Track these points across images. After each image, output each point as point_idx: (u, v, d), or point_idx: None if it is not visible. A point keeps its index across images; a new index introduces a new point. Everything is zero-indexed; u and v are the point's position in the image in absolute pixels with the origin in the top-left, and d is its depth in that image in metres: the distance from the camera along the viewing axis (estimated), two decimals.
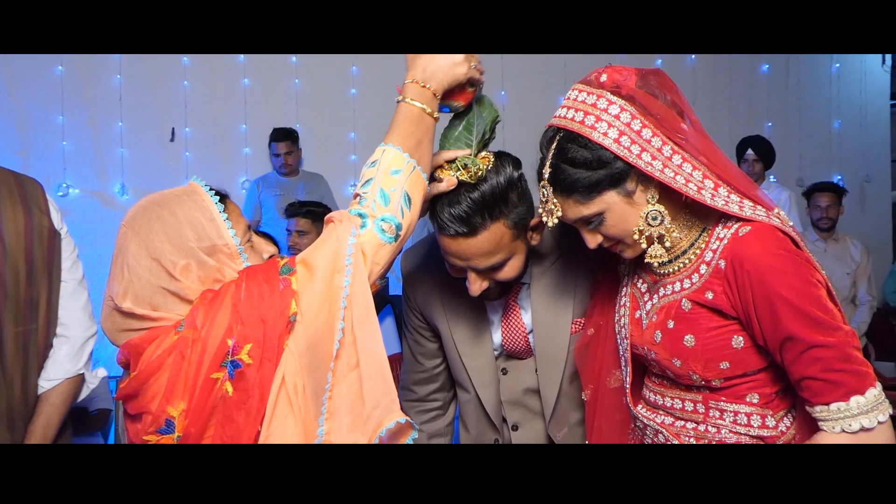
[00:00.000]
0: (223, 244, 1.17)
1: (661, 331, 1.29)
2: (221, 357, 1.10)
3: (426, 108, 1.25)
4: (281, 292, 1.12)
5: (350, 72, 5.16)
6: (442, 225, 1.34)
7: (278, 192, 4.72)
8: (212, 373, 1.10)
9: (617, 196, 1.23)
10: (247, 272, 1.17)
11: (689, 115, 1.26)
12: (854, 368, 1.15)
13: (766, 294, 1.17)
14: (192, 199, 1.18)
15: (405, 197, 1.19)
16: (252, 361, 1.10)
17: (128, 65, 4.79)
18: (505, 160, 1.39)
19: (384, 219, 1.17)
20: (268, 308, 1.11)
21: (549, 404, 1.58)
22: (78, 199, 4.73)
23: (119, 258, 1.16)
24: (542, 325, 1.55)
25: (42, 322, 1.71)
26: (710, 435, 1.29)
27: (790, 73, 6.11)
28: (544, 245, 1.54)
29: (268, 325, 1.11)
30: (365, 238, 1.16)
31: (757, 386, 1.27)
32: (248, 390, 1.11)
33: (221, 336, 1.10)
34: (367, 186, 1.19)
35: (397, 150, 1.21)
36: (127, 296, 1.14)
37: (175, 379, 1.11)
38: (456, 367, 1.65)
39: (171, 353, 1.11)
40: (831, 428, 1.16)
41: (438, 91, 1.27)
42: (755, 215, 1.22)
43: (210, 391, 1.10)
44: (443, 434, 1.76)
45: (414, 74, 1.27)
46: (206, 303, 1.13)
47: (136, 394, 1.14)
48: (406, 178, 1.20)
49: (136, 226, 1.16)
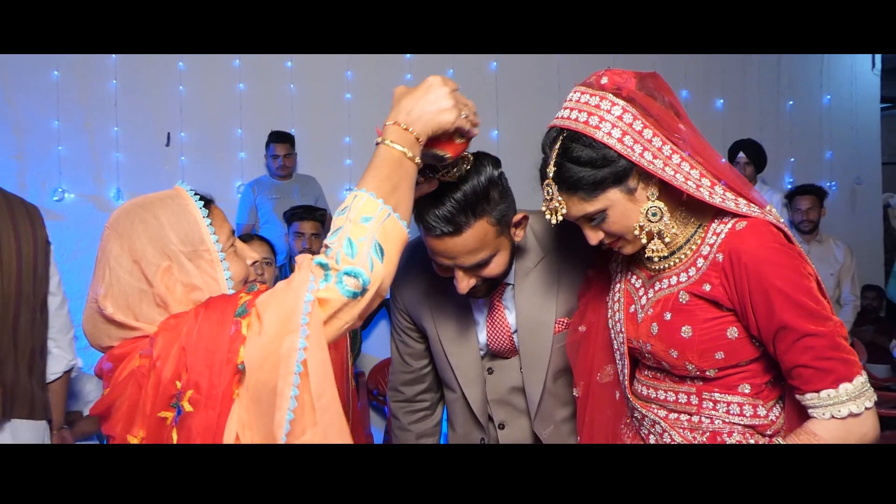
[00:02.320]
0: (205, 249, 1.16)
1: (657, 323, 1.33)
2: (170, 397, 1.06)
3: (407, 153, 1.13)
4: (231, 336, 1.04)
5: (345, 76, 5.19)
6: (428, 226, 1.38)
7: (274, 196, 4.73)
8: (160, 411, 1.07)
9: (619, 193, 1.27)
10: (204, 307, 1.10)
11: (683, 116, 1.30)
12: (843, 357, 1.20)
13: (762, 285, 1.21)
14: (177, 203, 1.17)
15: (376, 247, 1.06)
16: (192, 409, 1.05)
17: (123, 69, 4.80)
18: (484, 159, 1.42)
19: (347, 272, 1.04)
20: (215, 353, 1.05)
21: (534, 402, 1.61)
22: (73, 204, 4.74)
23: (102, 260, 1.15)
24: (527, 324, 1.58)
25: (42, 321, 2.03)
26: (705, 425, 1.32)
27: (781, 77, 6.16)
28: (528, 247, 1.58)
29: (213, 371, 1.04)
30: (325, 294, 1.04)
31: (749, 376, 1.31)
32: (191, 439, 1.05)
33: (171, 375, 1.06)
34: (334, 236, 1.07)
35: (370, 196, 1.08)
36: (108, 298, 1.13)
37: (133, 408, 1.09)
38: (442, 366, 1.68)
39: (131, 379, 1.09)
40: (821, 415, 1.21)
41: (422, 136, 1.16)
42: (750, 212, 1.27)
43: (161, 429, 1.07)
44: (431, 434, 1.79)
45: (396, 116, 1.16)
46: (166, 330, 1.10)
47: (107, 414, 1.13)
48: (378, 226, 1.07)
49: (119, 228, 1.15)
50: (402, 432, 1.79)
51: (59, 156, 4.70)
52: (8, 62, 4.60)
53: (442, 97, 1.18)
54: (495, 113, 4.94)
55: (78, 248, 4.69)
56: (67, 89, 4.71)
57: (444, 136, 1.21)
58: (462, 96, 1.22)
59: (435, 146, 1.23)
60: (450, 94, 1.19)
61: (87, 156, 4.79)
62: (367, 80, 5.17)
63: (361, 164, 5.09)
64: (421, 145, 1.16)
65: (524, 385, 1.62)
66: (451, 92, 1.19)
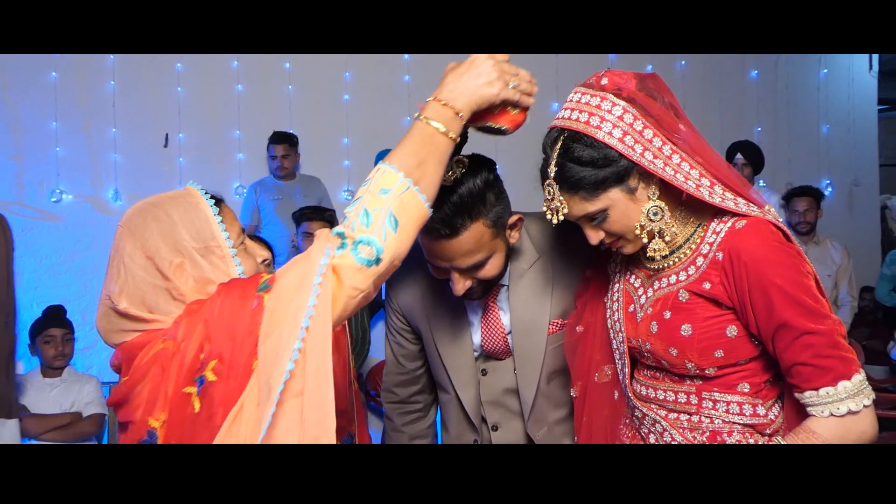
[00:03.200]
0: (216, 245, 1.18)
1: (657, 322, 1.34)
2: (194, 372, 1.09)
3: (441, 128, 1.15)
4: (253, 310, 1.08)
5: (343, 78, 5.19)
6: (424, 228, 1.38)
7: (276, 197, 4.74)
8: (185, 387, 1.09)
9: (620, 193, 1.28)
10: (227, 286, 1.14)
11: (683, 117, 1.31)
12: (841, 355, 1.21)
13: (762, 283, 1.22)
14: (188, 201, 1.20)
15: (390, 218, 1.08)
16: (216, 379, 1.07)
17: (121, 70, 4.81)
18: (480, 162, 1.43)
19: (361, 240, 1.07)
20: (237, 325, 1.08)
21: (528, 404, 1.62)
22: (71, 205, 4.74)
23: (115, 258, 1.17)
24: (521, 325, 1.59)
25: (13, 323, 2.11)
26: (705, 425, 1.33)
27: (779, 78, 6.17)
28: (522, 249, 1.59)
29: (236, 342, 1.07)
30: (340, 260, 1.07)
31: (748, 375, 1.32)
32: (212, 408, 1.08)
33: (195, 350, 1.09)
34: (353, 206, 1.11)
35: (391, 169, 1.11)
36: (123, 295, 1.15)
37: (156, 390, 1.11)
38: (436, 367, 1.69)
39: (155, 363, 1.11)
40: (820, 412, 1.21)
41: (464, 111, 1.17)
42: (749, 211, 1.28)
43: (184, 405, 1.09)
44: (424, 436, 1.79)
45: (439, 92, 1.18)
46: (190, 314, 1.13)
47: (125, 400, 1.15)
48: (395, 198, 1.09)
49: (132, 226, 1.17)
50: (396, 433, 1.79)
51: (57, 157, 4.70)
52: (6, 63, 4.60)
53: (485, 70, 1.19)
54: None
55: (76, 249, 4.70)
56: (65, 90, 4.72)
57: (496, 108, 1.23)
58: (512, 66, 1.23)
59: (488, 119, 1.25)
60: (494, 66, 1.19)
61: (85, 157, 4.79)
62: (366, 81, 5.18)
63: (360, 165, 5.13)
64: (463, 120, 1.18)
65: (518, 386, 1.62)
66: (497, 63, 1.20)
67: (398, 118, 4.91)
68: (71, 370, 3.55)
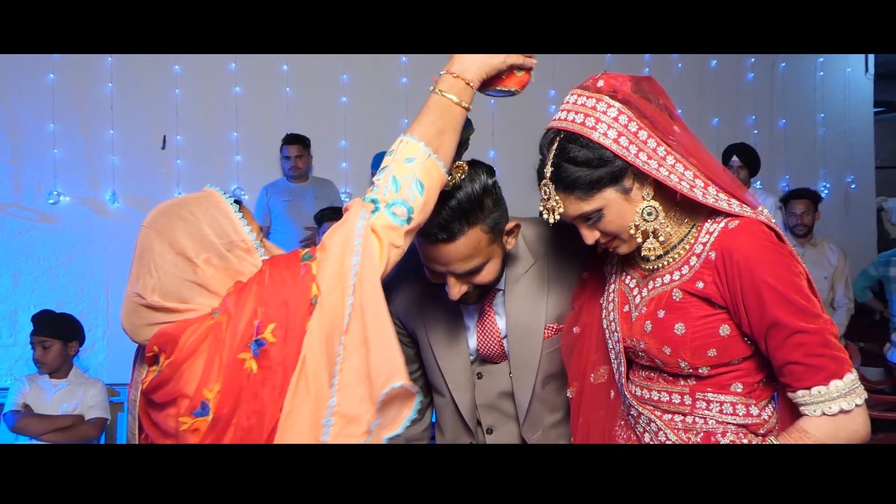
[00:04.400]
0: (240, 240, 1.24)
1: (651, 321, 1.35)
2: (248, 338, 1.17)
3: (454, 99, 1.29)
4: (302, 277, 1.19)
5: (341, 80, 5.20)
6: (422, 232, 1.40)
7: (287, 198, 4.76)
8: (239, 353, 1.17)
9: (615, 193, 1.30)
10: (270, 261, 1.24)
11: (678, 119, 1.33)
12: (833, 354, 1.22)
13: (754, 282, 1.24)
14: (210, 201, 1.27)
15: (417, 183, 1.24)
16: (276, 340, 1.17)
17: (119, 72, 4.81)
18: (479, 168, 1.45)
19: (395, 203, 1.22)
20: (290, 292, 1.18)
21: (523, 407, 1.63)
22: (69, 207, 4.73)
23: (144, 257, 1.23)
24: (516, 329, 1.60)
25: None
26: (699, 425, 1.34)
27: (775, 81, 6.19)
28: (518, 254, 1.60)
29: (290, 307, 1.18)
30: (376, 221, 1.22)
31: (741, 375, 1.33)
32: (272, 368, 1.17)
33: (248, 318, 1.17)
34: (381, 174, 1.25)
35: (413, 140, 1.25)
36: (156, 291, 1.21)
37: (211, 362, 1.17)
38: (432, 371, 1.69)
39: (207, 337, 1.18)
40: (812, 412, 1.22)
41: (474, 81, 1.31)
42: (742, 212, 1.29)
43: (238, 371, 1.17)
44: (419, 439, 1.79)
45: (451, 66, 1.31)
46: (238, 290, 1.21)
47: (170, 379, 1.19)
48: (419, 166, 1.24)
49: (158, 226, 1.23)
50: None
51: (54, 159, 4.70)
52: (3, 65, 4.60)
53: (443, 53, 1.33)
54: (491, 116, 4.95)
55: (74, 251, 4.69)
56: (63, 92, 4.71)
57: (503, 73, 1.36)
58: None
59: (498, 84, 1.37)
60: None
61: (82, 159, 4.78)
62: (363, 83, 5.19)
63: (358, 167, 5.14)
64: (473, 90, 1.32)
65: (513, 390, 1.63)
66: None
67: (396, 120, 4.92)
68: (77, 372, 3.56)
